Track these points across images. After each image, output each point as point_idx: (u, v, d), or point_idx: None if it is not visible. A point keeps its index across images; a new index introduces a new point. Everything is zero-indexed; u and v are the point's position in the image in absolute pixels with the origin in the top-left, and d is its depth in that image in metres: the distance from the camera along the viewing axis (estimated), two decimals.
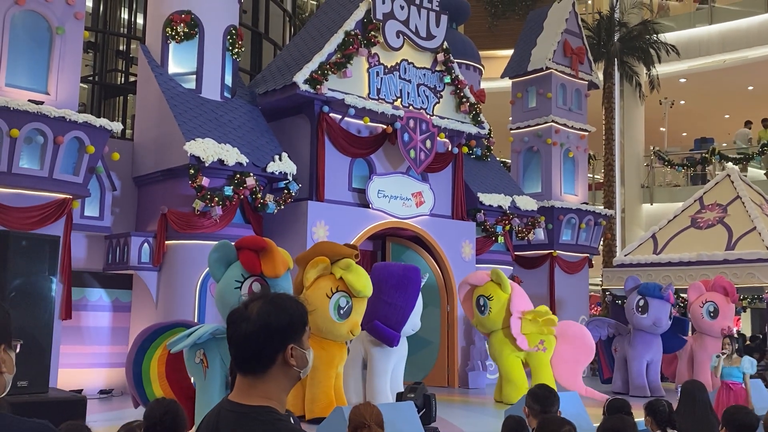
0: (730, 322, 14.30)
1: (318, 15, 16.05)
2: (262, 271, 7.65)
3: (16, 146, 10.54)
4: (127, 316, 12.87)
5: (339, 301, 9.52)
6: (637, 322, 13.96)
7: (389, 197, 14.21)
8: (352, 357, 10.79)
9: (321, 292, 9.51)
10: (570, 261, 18.45)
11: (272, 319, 2.10)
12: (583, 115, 19.44)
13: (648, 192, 26.34)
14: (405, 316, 10.54)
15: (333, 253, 9.70)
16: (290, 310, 2.14)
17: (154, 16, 13.59)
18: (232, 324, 2.16)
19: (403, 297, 10.51)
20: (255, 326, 2.10)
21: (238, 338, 2.14)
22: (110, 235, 12.53)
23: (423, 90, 14.97)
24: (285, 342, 2.11)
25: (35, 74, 11.14)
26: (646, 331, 13.93)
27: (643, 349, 13.91)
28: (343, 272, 9.53)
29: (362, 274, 9.69)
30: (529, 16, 20.86)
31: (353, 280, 9.51)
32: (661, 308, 13.80)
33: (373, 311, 10.32)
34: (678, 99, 27.22)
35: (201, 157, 11.67)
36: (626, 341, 14.22)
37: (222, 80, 13.46)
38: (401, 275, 10.67)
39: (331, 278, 9.60)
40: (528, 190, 18.48)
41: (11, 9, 10.93)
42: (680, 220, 19.07)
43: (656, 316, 13.71)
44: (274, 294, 2.18)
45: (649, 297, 13.84)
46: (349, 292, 9.56)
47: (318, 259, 9.55)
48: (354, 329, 9.68)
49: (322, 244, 10.39)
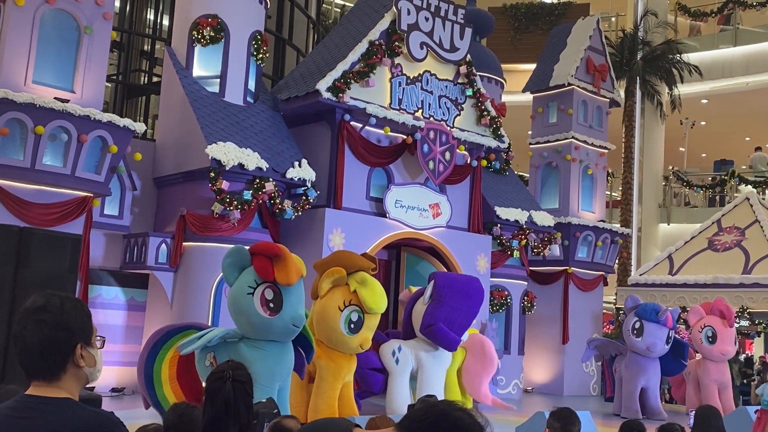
0: (730, 347, 14.02)
1: (342, 23, 16.12)
2: (275, 277, 7.59)
3: (41, 143, 10.65)
4: (142, 316, 12.94)
5: (350, 316, 9.36)
6: (631, 344, 13.54)
7: (406, 207, 14.23)
8: (400, 369, 10.79)
9: (333, 304, 9.39)
10: (585, 278, 18.39)
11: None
12: (603, 132, 19.40)
13: (665, 212, 26.22)
14: (468, 322, 10.93)
15: (350, 264, 9.54)
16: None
17: (180, 19, 13.70)
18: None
19: (468, 303, 10.91)
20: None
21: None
22: (129, 235, 12.62)
23: (444, 102, 14.99)
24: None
25: (62, 72, 11.26)
26: (641, 354, 13.50)
27: (637, 371, 13.49)
28: (357, 286, 9.37)
29: (377, 290, 9.51)
30: (553, 31, 20.86)
31: (366, 297, 9.35)
32: (657, 332, 13.31)
33: (435, 315, 10.65)
34: (699, 120, 27.11)
35: (222, 161, 11.74)
36: (623, 363, 13.86)
37: (245, 85, 13.55)
38: (468, 282, 11.17)
39: (345, 290, 9.43)
40: (545, 205, 18.44)
41: (41, 7, 11.06)
42: (697, 242, 19.00)
43: (651, 341, 13.24)
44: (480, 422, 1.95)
45: (645, 320, 13.34)
46: (361, 306, 9.42)
47: (334, 269, 9.40)
48: (364, 344, 9.52)
49: (341, 253, 10.28)
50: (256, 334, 7.61)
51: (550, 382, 17.98)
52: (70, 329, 2.25)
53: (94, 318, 2.39)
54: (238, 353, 7.58)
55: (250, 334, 7.64)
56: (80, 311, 2.31)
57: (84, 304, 2.38)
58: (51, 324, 2.23)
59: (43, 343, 2.22)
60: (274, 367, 7.66)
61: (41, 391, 2.24)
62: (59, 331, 2.23)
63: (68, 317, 2.26)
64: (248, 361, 7.53)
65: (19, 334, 2.25)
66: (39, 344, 2.22)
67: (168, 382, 8.20)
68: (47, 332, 2.22)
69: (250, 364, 7.54)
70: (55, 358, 2.24)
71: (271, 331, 7.58)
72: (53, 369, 2.24)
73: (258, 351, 7.61)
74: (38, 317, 2.24)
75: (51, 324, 2.23)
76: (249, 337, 7.67)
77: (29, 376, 2.27)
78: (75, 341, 2.26)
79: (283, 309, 7.53)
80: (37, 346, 2.22)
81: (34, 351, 2.23)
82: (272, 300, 7.50)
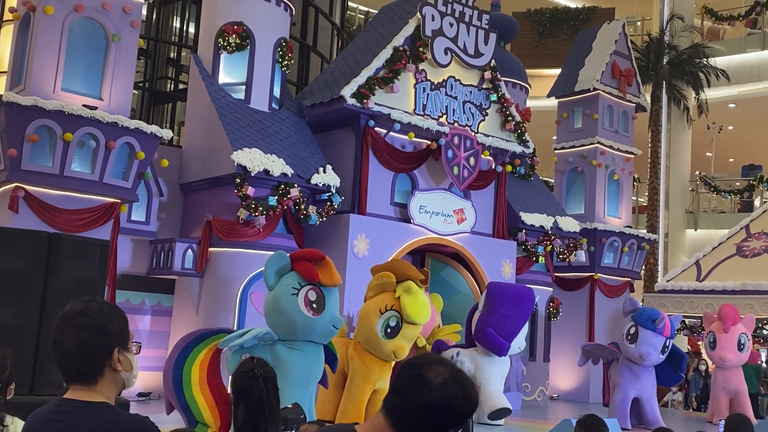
0: (728, 353, 13.48)
1: (367, 30, 16.16)
2: (319, 280, 7.85)
3: (69, 150, 10.78)
4: (168, 321, 13.03)
5: (389, 320, 9.47)
6: (624, 350, 12.71)
7: (431, 213, 14.21)
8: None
9: (375, 306, 9.57)
10: (611, 285, 18.23)
11: (457, 402, 2.02)
12: (629, 137, 19.25)
13: (692, 217, 25.95)
14: (517, 328, 11.21)
15: (401, 272, 9.69)
16: (472, 399, 2.06)
17: (206, 27, 13.82)
18: (407, 377, 2.06)
19: (518, 310, 11.26)
20: (437, 400, 2.01)
21: (414, 400, 2.04)
22: (155, 240, 12.72)
23: (469, 107, 14.96)
24: (452, 428, 2.05)
25: (90, 80, 11.40)
26: (635, 362, 12.63)
27: (629, 378, 12.62)
28: (402, 293, 9.49)
29: (419, 300, 9.55)
30: (578, 36, 20.76)
31: (407, 304, 9.42)
32: (652, 340, 12.29)
33: (486, 321, 11.08)
34: (726, 124, 26.82)
35: (247, 167, 11.80)
36: (616, 368, 13.04)
37: (271, 92, 13.62)
38: (519, 290, 11.57)
39: (390, 295, 9.60)
40: (571, 211, 18.32)
41: (70, 15, 11.21)
42: (725, 248, 18.75)
43: (645, 350, 12.27)
44: (461, 372, 2.09)
45: (640, 326, 12.35)
46: (401, 313, 9.46)
47: (384, 273, 9.63)
48: (398, 352, 9.50)
49: (397, 261, 10.69)
50: (296, 334, 7.81)
51: (576, 389, 17.83)
52: (108, 333, 2.30)
53: None
54: (275, 354, 7.78)
55: (290, 335, 7.83)
56: (118, 316, 2.36)
57: (121, 310, 2.42)
58: (90, 328, 2.27)
59: (81, 346, 2.26)
60: (311, 368, 7.90)
61: (79, 395, 2.28)
62: (98, 335, 2.28)
63: (106, 322, 2.31)
64: (285, 361, 7.67)
65: (58, 339, 2.30)
66: (78, 348, 2.26)
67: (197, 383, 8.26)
68: (86, 336, 2.26)
69: (287, 364, 7.65)
70: (93, 362, 2.28)
71: (312, 331, 7.82)
72: (91, 373, 2.28)
73: (296, 352, 7.82)
74: (77, 321, 2.28)
75: (90, 328, 2.27)
76: (286, 339, 7.85)
77: (68, 380, 2.31)
78: (113, 345, 2.30)
79: (326, 310, 7.84)
80: (76, 349, 2.26)
81: (73, 355, 2.27)
82: (315, 301, 7.82)
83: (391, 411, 2.06)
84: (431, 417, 2.02)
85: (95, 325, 2.28)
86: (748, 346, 13.83)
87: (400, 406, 2.05)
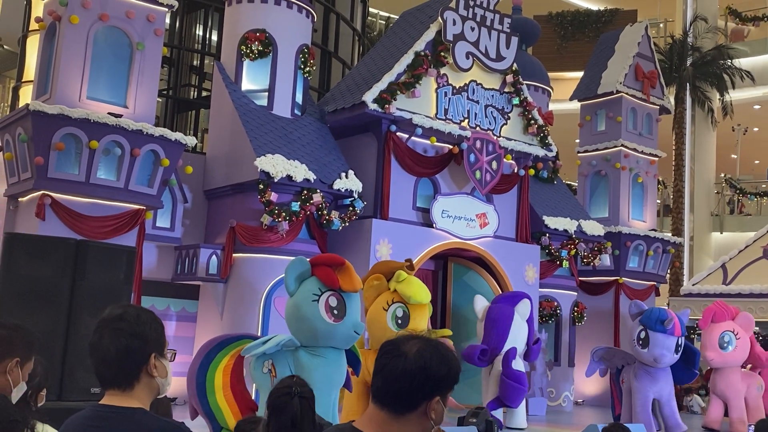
0: (710, 351, 12.90)
1: (388, 35, 16.19)
2: (339, 285, 7.80)
3: (95, 157, 10.89)
4: (193, 326, 13.11)
5: (396, 312, 9.62)
6: (637, 355, 12.36)
7: (453, 217, 14.18)
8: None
9: (379, 307, 9.67)
10: (636, 289, 18.07)
11: (433, 365, 2.06)
12: (653, 140, 19.11)
13: (718, 220, 25.68)
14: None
15: (387, 270, 9.85)
16: (451, 362, 2.10)
17: (229, 34, 13.92)
18: (385, 354, 2.11)
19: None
20: (413, 366, 2.05)
21: (391, 371, 2.07)
22: (180, 246, 12.81)
23: (491, 111, 14.93)
24: (435, 392, 2.07)
25: (115, 88, 11.52)
26: (649, 365, 12.28)
27: (648, 382, 12.28)
28: (396, 285, 9.66)
29: (413, 282, 9.75)
30: (600, 38, 20.65)
31: (405, 290, 9.58)
32: (664, 342, 11.97)
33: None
34: (751, 126, 26.55)
35: (270, 173, 11.86)
36: (632, 372, 12.64)
37: (293, 98, 13.69)
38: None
39: (387, 293, 9.74)
40: (594, 214, 18.20)
41: (95, 24, 11.34)
42: (752, 251, 18.54)
43: (658, 353, 11.93)
44: (436, 340, 2.14)
45: (650, 330, 12.01)
46: (404, 301, 9.62)
47: (373, 277, 9.73)
48: None
49: (377, 264, 10.58)
50: (318, 341, 7.78)
51: (601, 394, 17.67)
52: (146, 339, 2.32)
53: None
54: (297, 360, 7.74)
55: (312, 342, 7.80)
56: (155, 322, 2.38)
57: (157, 317, 2.44)
58: (127, 333, 2.29)
59: (119, 352, 2.28)
60: (333, 374, 7.84)
61: (115, 400, 2.30)
62: (135, 340, 2.30)
63: (144, 327, 2.33)
64: (307, 368, 7.65)
65: (96, 344, 2.32)
66: (115, 353, 2.28)
67: (221, 389, 8.29)
68: (123, 341, 2.28)
69: (309, 371, 7.63)
70: (131, 367, 2.30)
71: (334, 337, 7.78)
72: (128, 378, 2.30)
73: (317, 358, 7.78)
74: (115, 326, 2.31)
75: (127, 333, 2.29)
76: (308, 345, 7.83)
77: (104, 385, 2.33)
78: (149, 351, 2.32)
79: (347, 316, 7.78)
80: (114, 355, 2.28)
81: (111, 360, 2.29)
82: (336, 307, 7.74)
83: (375, 392, 2.10)
84: (408, 383, 2.04)
85: (133, 330, 2.30)
86: (735, 344, 13.02)
87: (380, 382, 2.09)
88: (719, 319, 13.24)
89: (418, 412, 2.06)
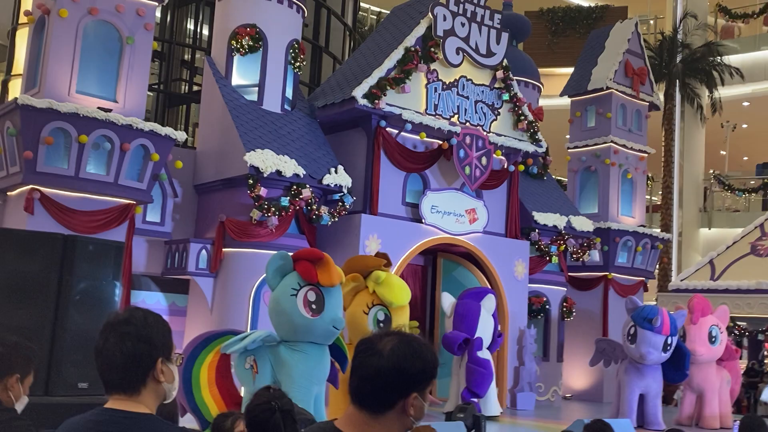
0: (700, 346, 12.86)
1: (379, 30, 16.20)
2: (318, 280, 7.79)
3: (84, 152, 10.87)
4: (183, 321, 13.12)
5: (377, 315, 9.61)
6: (627, 350, 12.58)
7: (442, 213, 14.22)
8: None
9: (359, 309, 9.65)
10: (625, 284, 18.18)
11: (407, 361, 2.05)
12: (642, 136, 19.19)
13: (706, 216, 25.82)
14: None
15: (363, 267, 9.80)
16: (426, 357, 2.09)
17: (220, 29, 13.90)
18: (360, 353, 2.11)
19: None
20: (387, 363, 2.04)
21: (366, 370, 2.08)
22: (170, 241, 12.81)
23: (480, 107, 14.97)
24: (411, 389, 2.06)
25: (105, 82, 11.49)
26: (637, 361, 12.51)
27: (636, 377, 12.46)
28: (374, 286, 9.62)
29: (393, 284, 9.71)
30: (590, 35, 20.71)
31: (385, 293, 9.58)
32: (651, 340, 12.09)
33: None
34: (740, 122, 26.68)
35: (260, 168, 11.87)
36: (622, 366, 12.92)
37: (283, 93, 13.69)
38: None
39: (365, 293, 9.71)
40: (584, 210, 18.28)
41: (84, 18, 11.30)
42: (739, 247, 18.66)
43: (645, 350, 12.09)
44: (411, 335, 2.13)
45: (638, 326, 12.18)
46: (384, 303, 9.62)
47: (349, 276, 9.59)
48: None
49: (351, 260, 10.42)
50: (297, 335, 7.77)
51: (590, 388, 17.80)
52: (152, 343, 2.24)
53: None
54: (277, 356, 7.74)
55: (291, 336, 7.79)
56: (162, 326, 2.31)
57: (164, 320, 2.37)
58: (134, 337, 2.22)
59: (125, 356, 2.21)
60: (313, 370, 7.82)
61: (121, 405, 2.22)
62: (142, 344, 2.22)
63: (151, 331, 2.25)
64: (288, 363, 7.65)
65: (101, 347, 2.24)
66: (121, 357, 2.21)
67: (207, 386, 8.31)
68: (130, 345, 2.21)
69: (289, 366, 7.64)
70: (137, 372, 2.22)
71: (312, 332, 7.76)
72: (134, 382, 2.23)
73: (298, 353, 7.77)
74: (121, 330, 2.23)
75: (134, 337, 2.22)
76: (288, 340, 7.82)
77: (109, 390, 2.26)
78: (156, 355, 2.25)
79: (325, 311, 7.76)
80: (120, 359, 2.21)
81: (116, 364, 2.22)
82: (314, 302, 7.75)
83: (353, 392, 2.10)
84: (383, 381, 2.04)
85: (139, 334, 2.23)
86: (721, 339, 13.13)
87: (357, 382, 2.09)
88: (706, 313, 13.33)
89: (396, 410, 2.06)
